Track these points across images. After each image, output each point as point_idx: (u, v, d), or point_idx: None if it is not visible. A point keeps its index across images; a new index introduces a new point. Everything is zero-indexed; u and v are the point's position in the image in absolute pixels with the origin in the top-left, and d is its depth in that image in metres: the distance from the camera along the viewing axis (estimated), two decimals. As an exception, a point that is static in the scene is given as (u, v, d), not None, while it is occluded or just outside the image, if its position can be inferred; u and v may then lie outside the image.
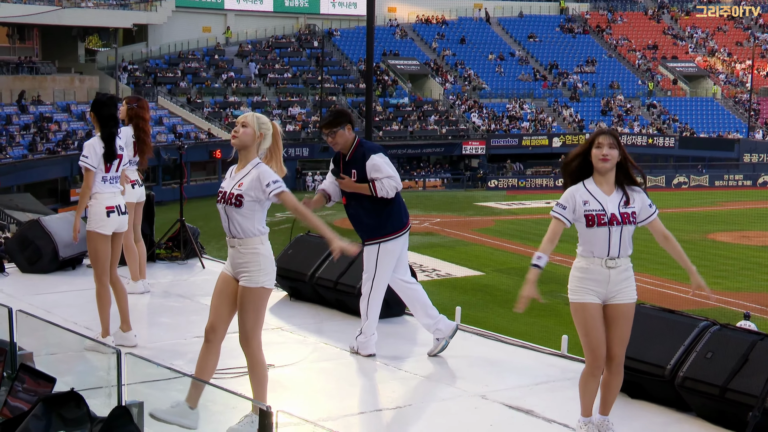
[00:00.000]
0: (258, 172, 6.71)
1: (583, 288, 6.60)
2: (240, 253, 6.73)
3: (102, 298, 9.01)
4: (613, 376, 6.72)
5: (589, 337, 6.59)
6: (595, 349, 6.60)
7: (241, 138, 6.75)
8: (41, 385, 5.46)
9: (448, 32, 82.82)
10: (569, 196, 6.64)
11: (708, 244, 41.28)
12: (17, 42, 67.39)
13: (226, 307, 6.86)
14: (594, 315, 6.58)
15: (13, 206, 41.29)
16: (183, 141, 49.08)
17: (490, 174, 68.52)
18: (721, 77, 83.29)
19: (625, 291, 6.63)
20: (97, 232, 9.01)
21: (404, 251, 8.96)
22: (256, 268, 6.72)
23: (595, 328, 6.59)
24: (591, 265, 6.60)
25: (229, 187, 6.76)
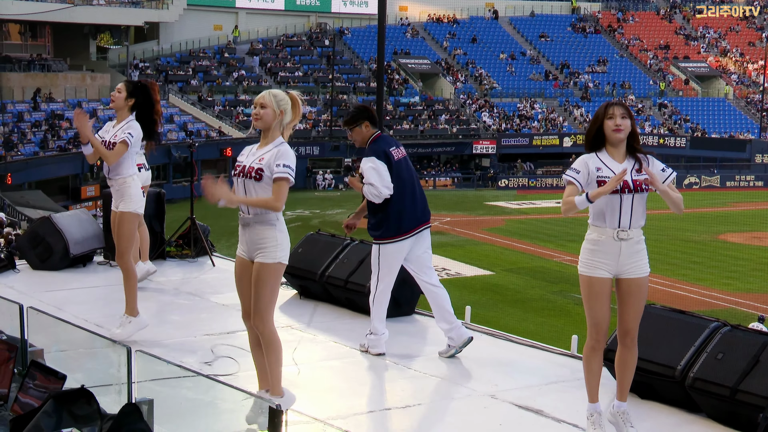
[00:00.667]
0: (278, 150, 6.75)
1: (594, 261, 6.55)
2: (256, 229, 6.76)
3: (132, 278, 9.05)
4: (627, 350, 6.70)
5: (593, 311, 6.59)
6: (597, 324, 6.62)
7: (263, 119, 6.82)
8: (52, 381, 5.47)
9: (459, 31, 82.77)
10: (582, 162, 6.60)
11: (719, 245, 41.22)
12: (29, 39, 67.56)
13: (243, 289, 6.95)
14: (600, 291, 6.57)
15: (24, 203, 41.43)
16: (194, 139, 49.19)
17: (500, 173, 68.48)
18: (734, 77, 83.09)
19: (638, 264, 6.59)
20: (135, 213, 9.11)
21: (422, 253, 8.90)
22: (273, 244, 6.76)
23: (600, 303, 6.58)
24: (602, 237, 6.54)
25: (248, 162, 6.79)
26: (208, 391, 6.08)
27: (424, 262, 8.94)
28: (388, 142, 8.89)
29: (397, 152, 8.85)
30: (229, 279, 12.24)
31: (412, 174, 8.91)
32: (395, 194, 8.71)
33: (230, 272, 12.64)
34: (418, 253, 8.89)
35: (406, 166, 8.88)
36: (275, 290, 6.88)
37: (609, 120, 6.57)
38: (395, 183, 8.70)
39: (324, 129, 65.81)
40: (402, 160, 8.84)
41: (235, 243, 6.88)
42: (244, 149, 6.98)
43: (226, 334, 9.65)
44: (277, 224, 6.79)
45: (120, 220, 9.14)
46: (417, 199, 8.84)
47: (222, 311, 10.70)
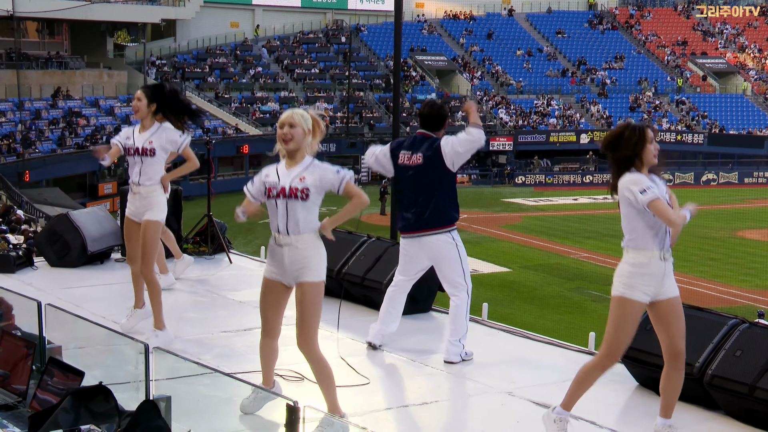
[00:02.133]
0: (321, 165, 6.73)
1: (638, 284, 6.47)
2: (298, 249, 6.68)
3: (155, 288, 9.08)
4: (678, 373, 6.65)
5: (621, 333, 6.53)
6: (619, 347, 6.58)
7: (296, 140, 6.68)
8: (70, 378, 5.49)
9: (475, 28, 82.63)
10: (646, 179, 6.48)
11: (737, 242, 41.07)
12: (47, 37, 67.81)
13: (277, 310, 6.91)
14: (636, 315, 6.54)
15: (42, 200, 41.61)
16: (210, 136, 49.26)
17: (517, 170, 68.35)
18: (752, 73, 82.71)
19: (674, 284, 6.60)
20: (160, 222, 9.23)
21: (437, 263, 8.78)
22: (316, 261, 6.72)
23: (632, 328, 6.55)
24: (651, 260, 6.47)
25: (288, 182, 6.68)
26: (225, 388, 6.10)
27: (439, 271, 8.83)
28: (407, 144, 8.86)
29: (407, 157, 8.76)
30: (246, 276, 12.30)
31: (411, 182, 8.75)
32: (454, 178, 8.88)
33: (247, 269, 12.73)
34: (434, 261, 8.81)
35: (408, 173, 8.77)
36: (320, 310, 6.80)
37: (651, 145, 6.51)
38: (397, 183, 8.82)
39: (341, 126, 65.81)
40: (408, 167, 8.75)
41: (253, 240, 6.92)
42: (267, 170, 6.85)
43: (243, 330, 9.67)
44: (318, 243, 6.75)
45: (150, 229, 9.18)
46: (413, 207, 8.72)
47: (239, 308, 10.72)
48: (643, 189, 6.38)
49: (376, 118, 67.98)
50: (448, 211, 8.79)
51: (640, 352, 7.71)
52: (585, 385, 6.74)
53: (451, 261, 8.71)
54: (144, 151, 9.15)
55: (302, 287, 6.71)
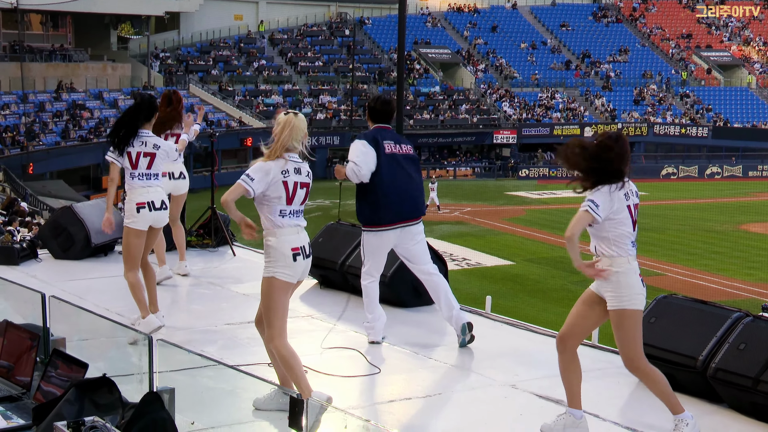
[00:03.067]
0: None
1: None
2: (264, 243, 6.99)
3: (136, 287, 9.10)
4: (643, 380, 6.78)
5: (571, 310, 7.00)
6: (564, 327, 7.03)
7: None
8: (74, 370, 5.49)
9: (479, 21, 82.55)
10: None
11: (741, 235, 41.02)
12: (50, 30, 67.76)
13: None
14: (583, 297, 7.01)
15: (45, 193, 41.62)
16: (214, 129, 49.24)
17: (521, 163, 68.33)
18: (756, 66, 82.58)
19: (609, 296, 6.68)
20: (129, 228, 9.15)
21: (413, 245, 8.88)
22: (267, 259, 6.93)
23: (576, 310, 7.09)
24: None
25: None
26: (228, 380, 6.10)
27: (415, 252, 8.93)
28: (382, 135, 8.89)
29: (393, 147, 8.83)
30: (249, 269, 12.30)
31: (402, 171, 8.81)
32: (373, 185, 8.72)
33: (251, 262, 12.74)
34: (407, 245, 8.88)
35: (398, 162, 8.82)
36: (276, 307, 6.91)
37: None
38: (378, 175, 8.72)
39: (344, 119, 65.79)
40: (395, 156, 8.81)
41: (256, 232, 6.91)
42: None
43: (247, 323, 9.67)
44: (270, 241, 6.91)
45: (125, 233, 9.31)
46: (403, 196, 8.77)
47: (243, 301, 10.73)
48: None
49: (379, 111, 67.87)
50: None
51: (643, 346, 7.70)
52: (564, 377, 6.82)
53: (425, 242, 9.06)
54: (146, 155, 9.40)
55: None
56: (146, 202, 9.19)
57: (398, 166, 8.80)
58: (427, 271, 8.97)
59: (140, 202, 9.16)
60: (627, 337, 6.57)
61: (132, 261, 9.13)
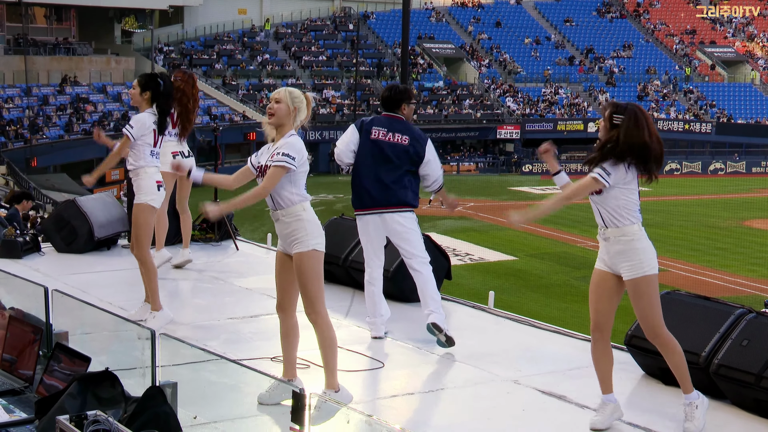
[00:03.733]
0: (286, 142, 6.81)
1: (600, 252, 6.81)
2: (285, 223, 6.87)
3: (150, 270, 9.10)
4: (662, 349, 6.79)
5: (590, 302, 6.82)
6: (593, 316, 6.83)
7: (277, 114, 6.82)
8: (76, 364, 5.49)
9: (483, 16, 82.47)
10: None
11: (744, 231, 40.98)
12: (54, 23, 67.74)
13: (288, 283, 7.04)
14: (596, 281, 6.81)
15: (49, 186, 41.65)
16: (218, 123, 49.25)
17: (524, 159, 68.27)
18: (760, 63, 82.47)
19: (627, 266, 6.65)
20: (149, 205, 9.12)
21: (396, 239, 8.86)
22: (303, 234, 6.85)
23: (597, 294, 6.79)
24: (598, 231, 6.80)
25: (265, 160, 6.86)
26: (231, 375, 6.10)
27: (400, 244, 8.89)
28: (378, 122, 8.87)
29: (384, 134, 8.77)
30: (252, 263, 12.31)
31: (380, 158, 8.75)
32: (354, 169, 8.83)
33: (254, 256, 12.75)
34: (394, 235, 8.88)
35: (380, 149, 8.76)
36: (319, 278, 6.92)
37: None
38: (359, 159, 8.77)
39: (348, 113, 65.76)
40: (379, 143, 8.76)
41: (259, 227, 6.96)
42: (261, 149, 7.02)
43: (250, 317, 9.68)
44: (303, 214, 6.85)
45: (137, 212, 9.23)
46: (376, 182, 8.75)
47: (246, 295, 10.73)
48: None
49: (383, 106, 67.89)
50: (414, 194, 8.90)
51: (645, 341, 7.70)
52: (599, 366, 6.82)
53: (413, 234, 8.85)
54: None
55: (295, 258, 6.90)
56: (161, 181, 9.28)
57: (378, 152, 8.74)
58: (410, 266, 8.93)
59: (159, 180, 9.23)
60: (650, 305, 6.62)
61: (147, 239, 9.17)
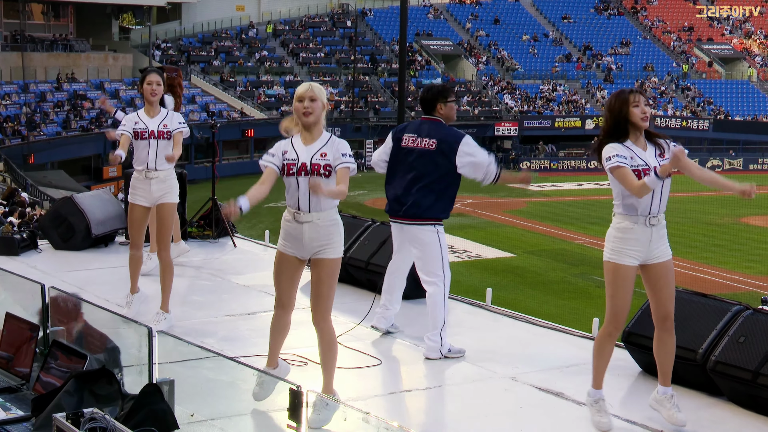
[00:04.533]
0: (338, 142, 6.71)
1: (625, 249, 6.58)
2: (318, 226, 6.66)
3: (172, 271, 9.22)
4: (668, 335, 6.76)
5: (617, 298, 6.62)
6: (619, 312, 6.66)
7: (315, 113, 6.64)
8: (73, 361, 5.49)
9: (481, 13, 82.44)
10: (620, 148, 6.53)
11: (741, 228, 41.04)
12: (52, 19, 67.65)
13: (291, 284, 6.93)
14: (628, 278, 6.62)
15: (46, 183, 41.61)
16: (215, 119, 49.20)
17: (522, 155, 68.25)
18: (757, 60, 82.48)
19: (664, 248, 6.67)
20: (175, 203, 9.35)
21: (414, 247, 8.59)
22: (338, 239, 6.74)
23: (625, 290, 6.63)
24: (635, 225, 6.57)
25: (308, 159, 6.62)
26: (229, 372, 6.10)
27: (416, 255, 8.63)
28: (411, 128, 8.64)
29: (413, 140, 8.50)
30: (250, 260, 12.31)
31: (404, 168, 8.51)
32: (386, 177, 8.69)
33: (251, 253, 12.74)
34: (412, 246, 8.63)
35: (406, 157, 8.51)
36: (335, 285, 6.86)
37: (635, 108, 6.52)
38: (389, 167, 8.63)
39: (346, 110, 65.74)
40: (411, 150, 8.48)
41: (257, 224, 6.93)
42: (281, 145, 6.71)
43: (247, 314, 9.68)
44: (338, 219, 6.76)
45: (170, 211, 9.26)
46: (397, 193, 8.54)
47: (243, 292, 10.73)
48: (608, 156, 6.51)
49: (381, 103, 67.91)
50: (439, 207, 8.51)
51: (643, 338, 7.71)
52: (602, 359, 6.82)
53: (428, 249, 8.48)
54: (160, 134, 9.20)
55: (323, 263, 6.72)
56: None
57: (404, 161, 8.50)
58: (424, 281, 8.62)
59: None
60: (673, 283, 6.75)
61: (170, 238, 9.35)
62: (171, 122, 9.29)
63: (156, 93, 9.24)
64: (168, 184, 9.23)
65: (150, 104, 9.29)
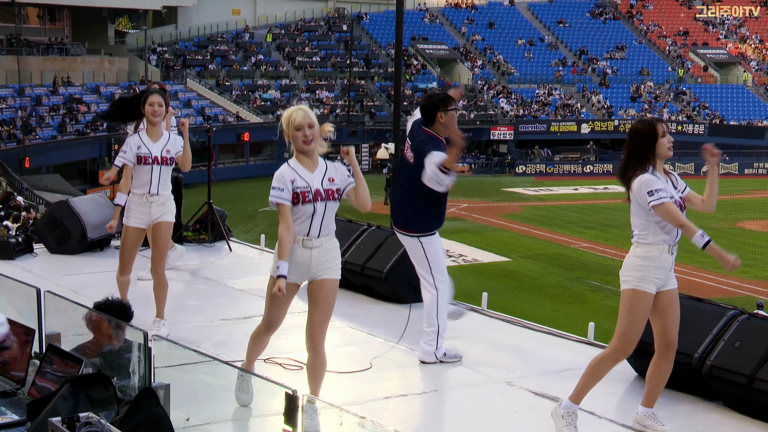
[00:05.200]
0: (337, 165, 6.71)
1: (650, 277, 6.57)
2: (326, 250, 6.70)
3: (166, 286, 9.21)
4: (668, 363, 6.77)
5: (636, 324, 6.61)
6: (634, 339, 6.66)
7: (315, 139, 6.59)
8: (69, 365, 5.48)
9: (477, 17, 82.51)
10: (657, 181, 6.57)
11: (737, 232, 41.02)
12: (48, 23, 67.66)
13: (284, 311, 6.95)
14: (649, 305, 6.62)
15: (42, 187, 41.56)
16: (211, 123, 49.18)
17: (518, 160, 68.29)
18: (753, 64, 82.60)
19: (674, 275, 6.73)
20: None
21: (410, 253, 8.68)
22: (337, 260, 6.81)
23: (644, 319, 6.64)
24: (661, 254, 6.61)
25: (320, 185, 6.59)
26: (224, 376, 6.10)
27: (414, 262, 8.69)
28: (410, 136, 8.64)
29: (406, 149, 8.60)
30: (245, 264, 12.30)
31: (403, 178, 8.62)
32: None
33: (247, 257, 12.73)
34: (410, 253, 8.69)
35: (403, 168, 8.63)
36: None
37: (664, 138, 6.61)
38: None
39: (342, 114, 65.74)
40: (404, 160, 8.60)
41: (252, 228, 6.92)
42: (285, 175, 6.57)
43: (243, 319, 9.67)
44: (336, 241, 6.82)
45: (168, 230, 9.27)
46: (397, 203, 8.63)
47: (239, 296, 10.72)
48: (650, 191, 6.51)
49: (377, 107, 67.92)
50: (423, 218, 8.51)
51: (640, 343, 7.71)
52: (596, 378, 6.78)
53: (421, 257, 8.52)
54: (164, 160, 9.19)
55: (326, 284, 6.74)
56: None
57: (402, 170, 8.66)
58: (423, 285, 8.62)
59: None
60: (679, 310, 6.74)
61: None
62: (174, 146, 9.28)
63: (157, 114, 9.20)
64: (167, 206, 9.24)
65: (152, 125, 9.25)
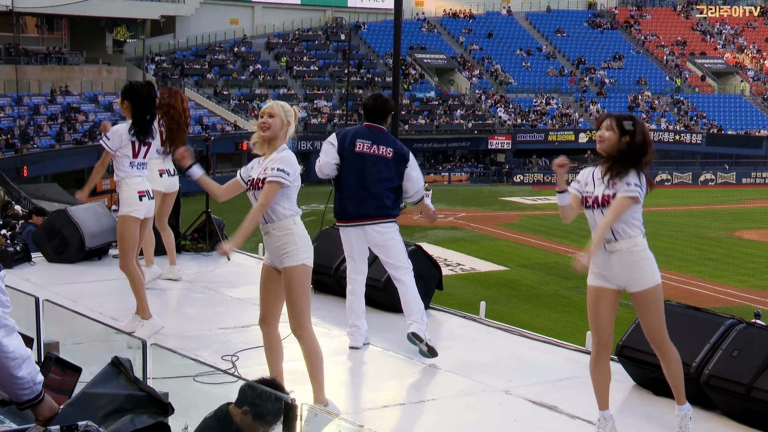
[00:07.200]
0: (279, 157, 6.86)
1: (592, 269, 6.68)
2: (275, 236, 6.89)
3: (136, 280, 9.09)
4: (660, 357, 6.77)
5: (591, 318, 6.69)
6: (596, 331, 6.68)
7: (272, 128, 6.88)
8: (67, 374, 5.48)
9: (475, 26, 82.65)
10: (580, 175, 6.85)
11: (734, 242, 41.05)
12: (46, 32, 67.75)
13: (273, 297, 7.06)
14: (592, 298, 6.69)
15: (40, 196, 41.58)
16: (209, 132, 49.27)
17: (515, 169, 68.37)
18: (750, 74, 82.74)
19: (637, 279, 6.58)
20: (130, 216, 9.10)
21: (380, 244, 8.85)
22: (294, 247, 6.88)
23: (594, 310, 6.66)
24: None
25: (256, 174, 6.90)
26: (222, 385, 6.10)
27: (382, 253, 8.92)
28: (362, 134, 8.85)
29: (368, 147, 8.78)
30: (244, 273, 12.30)
31: (367, 171, 8.76)
32: (338, 181, 8.84)
33: (245, 266, 12.73)
34: (377, 245, 8.91)
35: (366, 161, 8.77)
36: (307, 293, 6.99)
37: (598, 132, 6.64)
38: (343, 171, 8.78)
39: (340, 123, 65.79)
40: (364, 155, 8.76)
41: (251, 237, 6.92)
42: (250, 163, 7.10)
43: (241, 327, 9.67)
44: (294, 228, 6.90)
45: (118, 225, 9.27)
46: (364, 196, 8.76)
47: (237, 305, 10.72)
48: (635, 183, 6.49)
49: (374, 116, 67.91)
50: (395, 206, 8.93)
51: (637, 351, 7.72)
52: (598, 380, 6.75)
53: (394, 244, 8.86)
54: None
55: (284, 272, 6.93)
56: (145, 191, 9.25)
57: (363, 165, 8.74)
58: (393, 276, 8.96)
59: (141, 190, 9.22)
60: (658, 314, 6.63)
61: (131, 251, 9.15)
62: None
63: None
64: (120, 197, 9.28)
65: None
